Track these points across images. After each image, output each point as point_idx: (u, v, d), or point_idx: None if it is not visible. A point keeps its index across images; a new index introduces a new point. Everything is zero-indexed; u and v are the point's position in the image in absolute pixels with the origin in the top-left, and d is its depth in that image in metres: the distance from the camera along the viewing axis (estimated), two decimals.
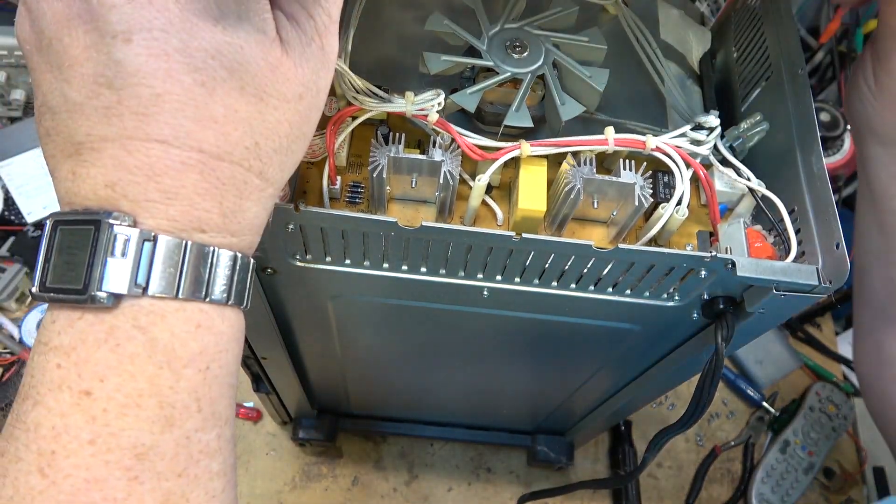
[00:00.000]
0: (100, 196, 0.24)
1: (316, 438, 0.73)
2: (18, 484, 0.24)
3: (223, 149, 0.25)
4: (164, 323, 0.25)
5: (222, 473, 0.27)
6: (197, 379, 0.26)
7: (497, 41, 0.40)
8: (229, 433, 0.28)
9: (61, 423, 0.24)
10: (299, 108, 0.27)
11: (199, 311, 0.26)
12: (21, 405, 0.25)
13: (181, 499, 0.26)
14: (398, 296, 0.42)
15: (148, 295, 0.24)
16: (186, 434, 0.26)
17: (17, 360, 0.76)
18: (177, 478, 0.25)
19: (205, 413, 0.26)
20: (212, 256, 0.25)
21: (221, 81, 0.24)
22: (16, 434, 0.24)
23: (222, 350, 0.27)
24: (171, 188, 0.24)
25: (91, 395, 0.24)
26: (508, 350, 0.52)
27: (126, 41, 0.23)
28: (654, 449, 0.47)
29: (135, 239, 0.24)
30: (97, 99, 0.23)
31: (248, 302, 0.28)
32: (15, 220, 0.79)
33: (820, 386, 0.88)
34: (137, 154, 0.23)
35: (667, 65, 0.45)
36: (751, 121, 0.41)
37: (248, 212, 0.26)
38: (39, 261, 0.25)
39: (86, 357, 0.24)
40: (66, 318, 0.24)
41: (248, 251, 0.27)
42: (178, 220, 0.24)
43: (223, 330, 0.27)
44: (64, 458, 0.24)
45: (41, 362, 0.25)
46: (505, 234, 0.33)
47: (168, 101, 0.23)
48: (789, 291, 0.35)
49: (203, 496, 0.26)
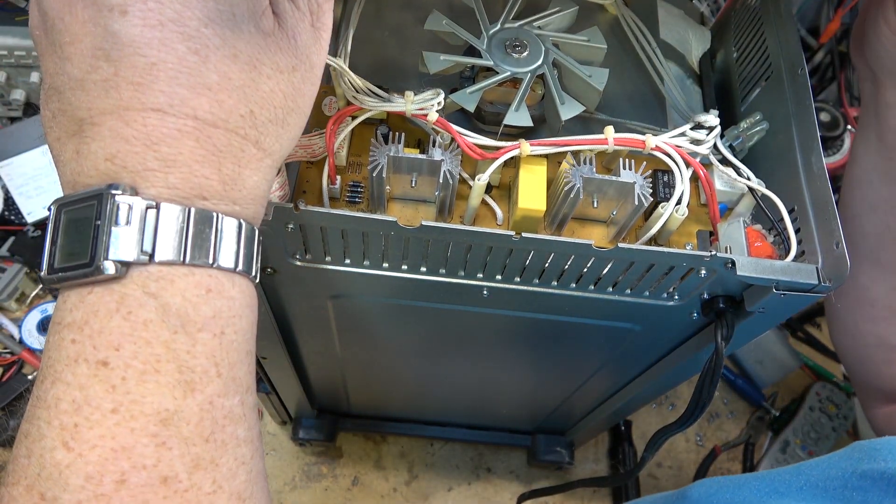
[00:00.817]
0: (100, 171, 0.24)
1: (316, 438, 0.73)
2: (44, 461, 0.23)
3: (218, 116, 0.25)
4: (175, 287, 0.25)
5: (249, 440, 0.27)
6: (213, 343, 0.26)
7: (497, 41, 0.40)
8: (252, 401, 0.28)
9: (81, 396, 0.24)
10: (293, 79, 0.27)
11: (209, 276, 0.26)
12: (39, 387, 0.25)
13: (210, 464, 0.25)
14: (398, 295, 0.42)
15: (155, 262, 0.24)
16: (209, 399, 0.25)
17: (17, 360, 0.76)
18: (204, 443, 0.25)
19: (225, 378, 0.26)
20: (216, 222, 0.25)
21: (215, 49, 0.24)
22: (37, 413, 0.24)
23: (236, 315, 0.27)
24: (168, 156, 0.24)
25: (108, 364, 0.24)
26: (508, 350, 0.52)
27: (122, 13, 0.23)
28: (653, 448, 0.47)
29: (138, 207, 0.24)
30: (96, 72, 0.24)
31: (257, 273, 0.28)
32: (15, 220, 0.79)
33: (820, 386, 0.88)
34: (134, 124, 0.24)
35: (667, 65, 0.45)
36: (750, 120, 0.41)
37: (248, 180, 0.27)
38: (46, 245, 0.25)
39: (99, 328, 0.24)
40: (77, 295, 0.24)
41: (252, 221, 0.28)
42: (179, 188, 0.25)
43: (234, 295, 0.27)
44: (87, 429, 0.23)
45: (56, 341, 0.25)
46: (505, 233, 0.33)
47: (163, 70, 0.24)
48: (789, 291, 0.35)
49: (232, 462, 0.26)
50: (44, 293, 0.81)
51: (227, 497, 0.26)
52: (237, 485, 0.26)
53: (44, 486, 0.23)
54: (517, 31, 0.40)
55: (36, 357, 0.76)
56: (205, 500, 0.25)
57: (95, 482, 0.23)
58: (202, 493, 0.25)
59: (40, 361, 0.25)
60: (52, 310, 0.76)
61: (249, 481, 0.27)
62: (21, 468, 0.24)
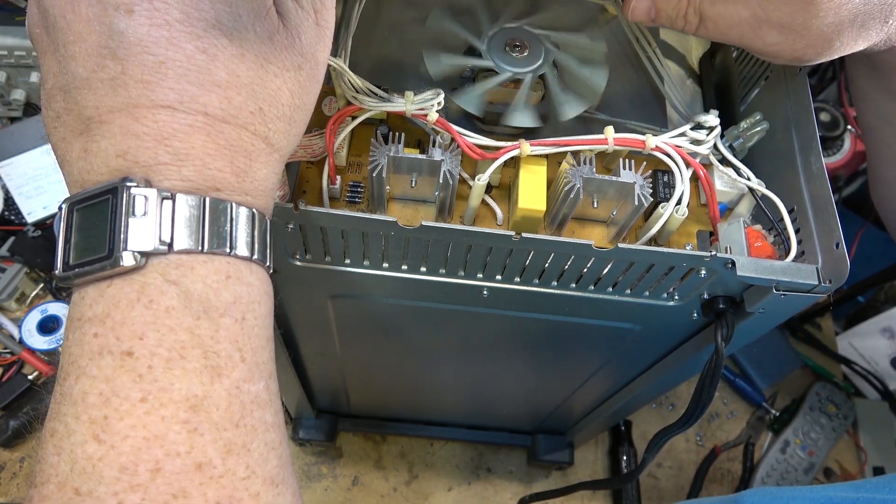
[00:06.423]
0: (112, 167, 0.24)
1: (316, 438, 0.73)
2: (75, 456, 0.23)
3: (228, 112, 0.25)
4: (195, 274, 0.25)
5: (277, 426, 0.27)
6: (235, 328, 0.26)
7: (497, 41, 0.40)
8: (275, 387, 0.28)
9: (108, 388, 0.23)
10: (299, 77, 0.27)
11: (227, 262, 0.26)
12: (63, 384, 0.24)
13: (242, 449, 0.25)
14: (398, 295, 0.42)
15: (174, 250, 0.24)
16: (235, 384, 0.25)
17: (17, 360, 0.76)
18: (234, 428, 0.25)
19: (249, 363, 0.26)
20: (231, 212, 0.26)
21: (222, 48, 0.25)
22: (63, 410, 0.24)
23: (255, 301, 0.27)
24: (180, 150, 0.24)
25: (133, 354, 0.24)
26: (508, 350, 0.52)
27: (128, 12, 0.23)
28: (653, 449, 0.47)
29: (153, 197, 0.24)
30: (102, 71, 0.24)
31: (271, 263, 0.28)
32: (15, 220, 0.79)
33: (820, 386, 0.89)
34: (145, 120, 0.24)
35: (667, 65, 0.45)
36: (750, 120, 0.41)
37: (259, 173, 0.27)
38: (59, 244, 0.25)
39: (121, 319, 0.24)
40: (96, 290, 0.24)
41: (264, 212, 0.28)
42: (193, 180, 0.25)
43: (252, 282, 0.27)
44: (118, 420, 0.23)
45: (77, 337, 0.24)
46: (505, 233, 0.33)
47: (171, 68, 0.24)
48: (789, 291, 0.35)
49: (263, 447, 0.26)
50: (44, 293, 0.81)
51: (262, 482, 0.26)
52: (269, 469, 0.26)
53: (78, 481, 0.23)
54: (517, 31, 0.40)
55: (36, 357, 0.76)
56: (240, 485, 0.25)
57: (130, 473, 0.23)
58: (237, 478, 0.25)
59: (60, 359, 0.25)
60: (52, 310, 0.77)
61: (280, 466, 0.27)
62: (50, 467, 0.24)
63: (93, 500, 0.23)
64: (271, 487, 0.26)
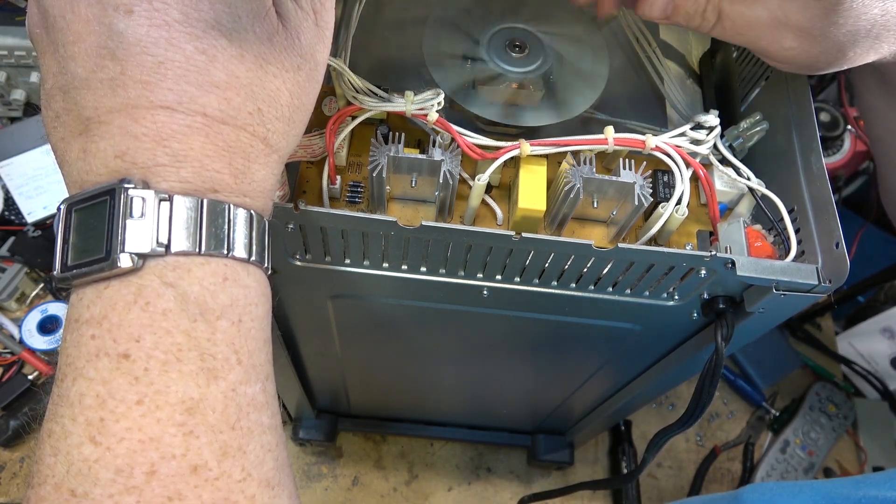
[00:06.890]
0: (110, 168, 0.24)
1: (316, 438, 0.73)
2: (72, 457, 0.23)
3: (226, 113, 0.25)
4: (192, 276, 0.25)
5: (273, 428, 0.27)
6: (232, 331, 0.26)
7: (497, 41, 0.40)
8: (272, 389, 0.28)
9: (105, 390, 0.23)
10: (298, 78, 0.27)
11: (224, 265, 0.26)
12: (60, 385, 0.25)
13: (238, 451, 0.25)
14: (398, 295, 0.42)
15: (172, 252, 0.24)
16: (232, 386, 0.25)
17: (17, 360, 0.76)
18: (230, 430, 0.25)
19: (245, 365, 0.26)
20: (228, 213, 0.26)
21: (221, 49, 0.25)
22: (60, 412, 0.24)
23: (252, 303, 0.27)
24: (179, 151, 0.24)
25: (129, 356, 0.24)
26: (508, 350, 0.52)
27: (128, 13, 0.23)
28: (653, 449, 0.47)
29: (151, 199, 0.24)
30: (101, 71, 0.24)
31: (269, 264, 0.28)
32: (15, 220, 0.79)
33: (820, 386, 0.89)
34: (143, 121, 0.24)
35: (667, 65, 0.45)
36: (750, 120, 0.41)
37: (257, 174, 0.27)
38: (58, 244, 0.25)
39: (118, 321, 0.24)
40: (93, 291, 0.24)
41: (262, 214, 0.28)
42: (191, 182, 0.25)
43: (250, 284, 0.27)
44: (114, 422, 0.23)
45: (74, 338, 0.24)
46: (505, 233, 0.33)
47: (170, 69, 0.24)
48: (789, 291, 0.35)
49: (259, 449, 0.26)
50: (44, 293, 0.81)
51: (258, 484, 0.26)
52: (266, 472, 0.26)
53: (73, 483, 0.23)
54: (517, 31, 0.40)
55: (36, 357, 0.76)
56: (235, 487, 0.25)
57: (126, 475, 0.23)
58: (232, 480, 0.25)
59: (58, 360, 0.25)
60: (52, 310, 0.77)
61: (277, 468, 0.27)
62: (47, 468, 0.24)
63: (88, 501, 0.23)
64: (267, 490, 0.26)
